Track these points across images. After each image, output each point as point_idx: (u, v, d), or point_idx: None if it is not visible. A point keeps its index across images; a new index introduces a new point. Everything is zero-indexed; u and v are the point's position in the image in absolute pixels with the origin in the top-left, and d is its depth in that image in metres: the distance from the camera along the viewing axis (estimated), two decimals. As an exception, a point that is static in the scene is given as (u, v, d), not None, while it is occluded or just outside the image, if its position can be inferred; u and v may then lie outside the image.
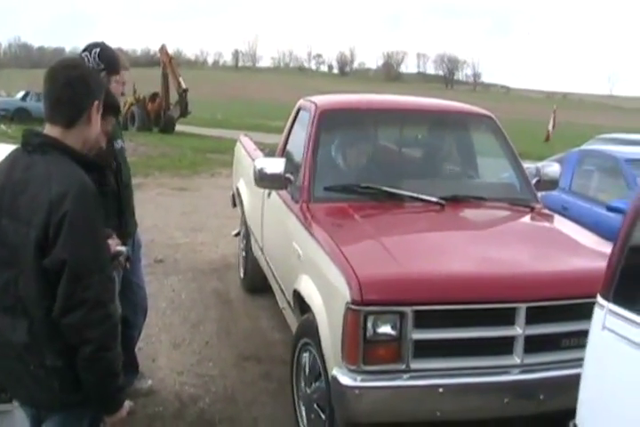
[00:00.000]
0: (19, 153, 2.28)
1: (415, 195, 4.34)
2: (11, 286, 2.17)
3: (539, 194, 4.93)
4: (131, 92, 25.56)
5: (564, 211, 6.46)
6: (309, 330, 3.65)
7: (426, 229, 4.19)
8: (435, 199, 4.29)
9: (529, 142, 22.49)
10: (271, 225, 5.19)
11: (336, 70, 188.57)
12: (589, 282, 2.72)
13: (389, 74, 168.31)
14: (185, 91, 26.85)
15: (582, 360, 2.43)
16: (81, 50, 3.86)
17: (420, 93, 7.91)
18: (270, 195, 5.13)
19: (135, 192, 4.11)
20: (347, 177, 4.68)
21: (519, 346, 3.28)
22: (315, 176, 4.48)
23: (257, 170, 4.51)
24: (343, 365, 3.20)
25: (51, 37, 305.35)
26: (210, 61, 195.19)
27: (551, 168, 5.04)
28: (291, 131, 5.56)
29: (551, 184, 5.03)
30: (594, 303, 2.37)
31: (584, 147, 9.11)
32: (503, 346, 3.29)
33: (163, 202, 10.93)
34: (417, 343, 3.19)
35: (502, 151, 5.06)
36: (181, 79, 26.91)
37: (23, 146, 2.26)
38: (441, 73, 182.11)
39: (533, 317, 3.28)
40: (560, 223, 4.45)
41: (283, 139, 5.67)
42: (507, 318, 3.27)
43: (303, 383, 3.83)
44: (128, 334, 4.05)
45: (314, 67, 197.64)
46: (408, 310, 3.17)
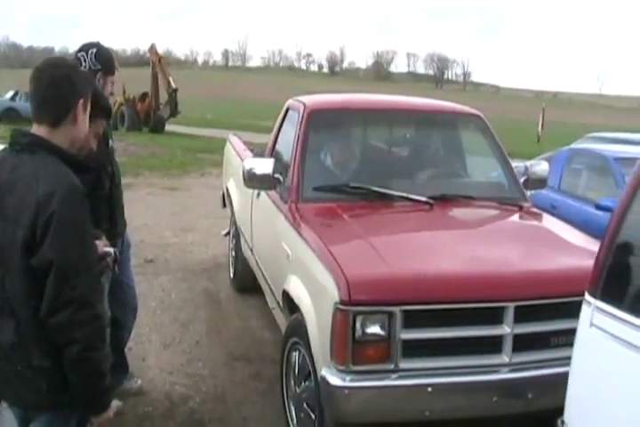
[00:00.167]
0: (6, 153, 2.28)
1: (404, 194, 4.35)
2: None
3: (527, 193, 4.95)
4: (120, 92, 25.48)
5: (554, 209, 6.48)
6: (298, 330, 3.65)
7: (414, 228, 4.20)
8: (423, 199, 4.30)
9: (518, 142, 22.55)
10: (260, 225, 5.18)
11: (326, 70, 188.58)
12: (578, 280, 2.72)
13: (379, 73, 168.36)
14: (175, 90, 26.81)
15: (571, 359, 2.44)
16: (76, 50, 3.86)
17: (411, 93, 7.92)
18: (259, 195, 5.12)
19: (125, 192, 4.11)
20: (336, 177, 4.68)
21: (508, 345, 3.28)
22: (303, 176, 4.48)
23: (246, 170, 4.50)
24: (332, 365, 3.20)
25: (40, 37, 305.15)
26: (200, 61, 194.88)
27: (539, 167, 5.05)
28: (280, 131, 5.56)
29: (540, 183, 5.04)
30: (582, 301, 2.38)
31: (573, 146, 9.13)
32: (492, 345, 3.30)
33: (153, 202, 10.92)
34: (406, 343, 3.20)
35: (491, 150, 5.07)
36: (171, 79, 26.87)
37: (11, 146, 2.27)
38: (431, 72, 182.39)
39: (522, 315, 3.28)
40: (549, 222, 4.46)
41: (272, 139, 5.66)
42: (495, 317, 3.28)
43: (293, 383, 3.84)
44: (118, 334, 4.05)
45: (304, 66, 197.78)
46: (396, 310, 3.17)
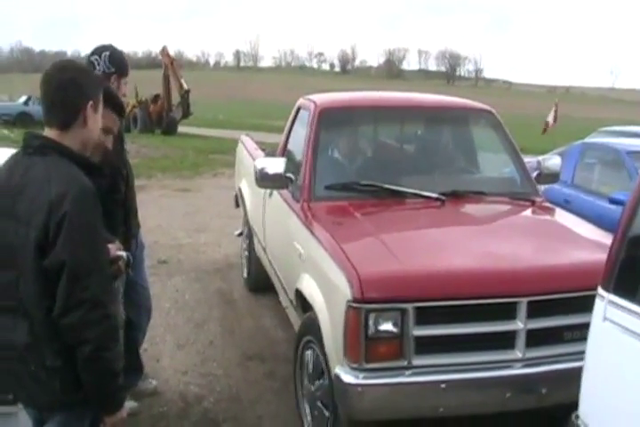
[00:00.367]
0: (19, 156, 2.30)
1: (415, 191, 4.34)
2: (11, 287, 2.18)
3: (540, 187, 4.92)
4: (133, 94, 25.58)
5: (567, 204, 6.45)
6: (312, 328, 3.66)
7: (426, 225, 4.19)
8: (435, 195, 4.29)
9: (531, 137, 22.45)
10: (273, 225, 5.19)
11: (338, 68, 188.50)
12: (591, 275, 2.69)
13: (391, 71, 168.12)
14: (187, 92, 26.87)
15: (584, 353, 2.42)
16: (89, 53, 3.87)
17: (422, 90, 7.91)
18: (271, 194, 5.13)
19: (138, 194, 4.13)
20: (347, 175, 4.68)
21: (521, 340, 3.27)
22: (315, 175, 4.48)
23: (258, 170, 4.51)
24: (345, 362, 3.21)
25: (52, 41, 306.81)
26: (211, 62, 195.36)
27: (552, 161, 5.03)
28: (291, 130, 5.56)
29: (552, 177, 5.02)
30: (595, 296, 2.37)
31: (586, 140, 9.08)
32: (505, 340, 3.29)
33: (165, 203, 10.95)
34: (418, 340, 3.19)
35: (502, 146, 5.05)
36: (183, 80, 26.93)
37: (24, 148, 2.29)
38: (443, 69, 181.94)
39: (535, 311, 3.27)
40: (561, 216, 4.44)
41: (283, 138, 5.66)
42: (508, 313, 3.27)
43: (307, 381, 3.84)
44: (132, 336, 4.06)
45: (315, 65, 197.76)
46: (409, 307, 3.17)
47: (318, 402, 3.66)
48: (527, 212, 4.49)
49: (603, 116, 51.85)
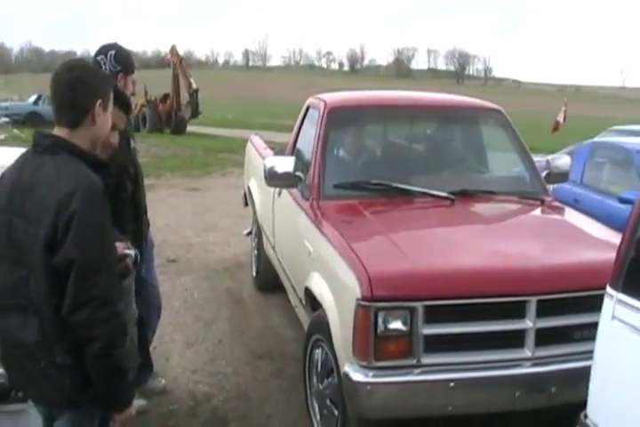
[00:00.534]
0: (29, 154, 2.32)
1: (425, 190, 4.34)
2: (22, 286, 2.19)
3: (550, 187, 4.92)
4: (141, 93, 25.64)
5: (576, 203, 6.43)
6: (321, 327, 3.66)
7: (436, 224, 4.19)
8: (444, 194, 4.29)
9: (540, 136, 22.40)
10: (282, 223, 5.20)
11: (346, 68, 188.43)
12: (600, 274, 2.69)
13: (400, 70, 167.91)
14: (196, 91, 26.88)
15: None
16: (94, 54, 3.89)
17: (431, 89, 7.91)
18: (281, 193, 5.14)
19: (147, 193, 4.13)
20: (356, 174, 4.68)
21: (530, 339, 3.27)
22: (324, 174, 4.49)
23: (267, 169, 4.52)
24: (354, 361, 3.21)
25: (62, 41, 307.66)
26: (220, 61, 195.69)
27: (561, 160, 5.03)
28: (300, 129, 5.57)
29: (561, 176, 5.02)
30: (604, 295, 2.37)
31: (595, 139, 9.06)
32: (514, 339, 3.29)
33: (174, 202, 10.98)
34: (427, 338, 3.20)
35: (512, 145, 5.05)
36: (192, 80, 26.95)
37: (33, 147, 2.31)
38: (452, 68, 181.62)
39: (544, 310, 3.27)
40: (570, 216, 4.44)
41: (292, 137, 5.68)
42: (517, 312, 3.27)
43: (316, 380, 3.85)
44: (142, 333, 4.07)
45: (324, 65, 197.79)
46: (418, 306, 3.17)
47: (327, 400, 3.67)
48: (536, 211, 4.49)
49: (612, 115, 51.61)
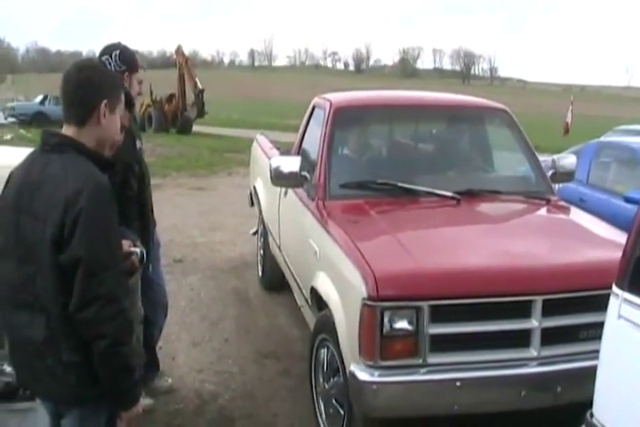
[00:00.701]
0: (37, 153, 2.34)
1: (430, 190, 4.34)
2: (29, 283, 2.21)
3: (555, 186, 4.92)
4: (147, 93, 25.68)
5: (582, 203, 6.42)
6: (327, 326, 3.67)
7: (441, 223, 4.19)
8: (450, 194, 4.29)
9: (546, 136, 22.38)
10: (288, 223, 5.21)
11: (352, 68, 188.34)
12: (606, 273, 2.69)
13: (405, 70, 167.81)
14: (201, 91, 26.95)
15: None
16: (99, 54, 3.90)
17: (437, 89, 7.91)
18: (286, 193, 5.15)
19: (153, 192, 4.15)
20: (362, 174, 4.68)
21: (536, 339, 3.27)
22: (330, 173, 4.50)
23: (273, 168, 4.52)
24: (360, 360, 3.22)
25: (67, 41, 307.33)
26: (226, 61, 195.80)
27: (567, 160, 5.02)
28: (306, 129, 5.58)
29: (567, 176, 5.01)
30: (610, 294, 2.37)
31: (601, 139, 9.05)
32: (520, 339, 3.29)
33: (180, 202, 10.99)
34: (433, 338, 3.20)
35: (517, 144, 5.05)
36: (198, 80, 27.02)
37: (41, 146, 2.33)
38: (457, 68, 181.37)
39: (550, 309, 3.27)
40: (576, 215, 4.44)
41: (298, 137, 5.68)
42: (523, 311, 3.27)
43: (321, 379, 3.85)
44: (148, 333, 4.09)
45: (330, 64, 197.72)
46: (424, 305, 3.17)
47: (333, 400, 3.67)
48: (542, 210, 4.49)
49: (618, 114, 51.54)
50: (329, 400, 3.73)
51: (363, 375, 3.19)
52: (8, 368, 3.15)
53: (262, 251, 6.57)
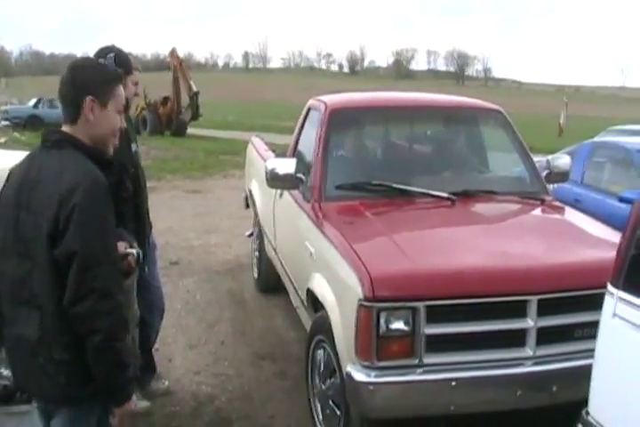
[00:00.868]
0: (37, 150, 2.37)
1: (426, 191, 4.35)
2: (27, 280, 2.21)
3: (550, 187, 4.93)
4: (141, 96, 25.66)
5: (577, 203, 6.43)
6: (323, 327, 3.67)
7: (437, 224, 4.20)
8: (445, 195, 4.30)
9: (541, 136, 22.44)
10: (283, 225, 5.21)
11: (346, 69, 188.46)
12: (601, 272, 2.70)
13: (400, 71, 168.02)
14: (196, 94, 26.95)
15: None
16: (93, 56, 3.90)
17: (432, 90, 7.92)
18: (282, 195, 5.15)
19: (149, 195, 4.16)
20: (358, 175, 4.68)
21: (531, 338, 3.28)
22: (326, 175, 4.50)
23: (268, 170, 4.53)
24: (357, 361, 3.22)
25: (61, 44, 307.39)
26: (220, 64, 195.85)
27: (561, 160, 5.04)
28: (301, 131, 5.59)
29: (562, 176, 5.03)
30: (605, 293, 2.38)
31: (596, 139, 9.07)
32: (515, 338, 3.30)
33: (176, 204, 10.99)
34: (429, 338, 3.21)
35: (512, 145, 5.06)
36: (192, 82, 27.02)
37: (42, 143, 2.36)
38: (452, 69, 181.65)
39: (545, 309, 3.28)
40: (571, 215, 4.45)
41: (293, 139, 5.69)
42: (518, 311, 3.28)
43: (318, 380, 3.86)
44: (145, 335, 4.10)
45: (324, 66, 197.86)
46: (420, 306, 3.18)
47: (330, 401, 3.68)
48: (537, 211, 4.50)
49: (612, 115, 51.69)
50: (326, 401, 3.74)
51: (359, 376, 3.19)
52: (5, 371, 3.16)
53: (258, 253, 6.58)
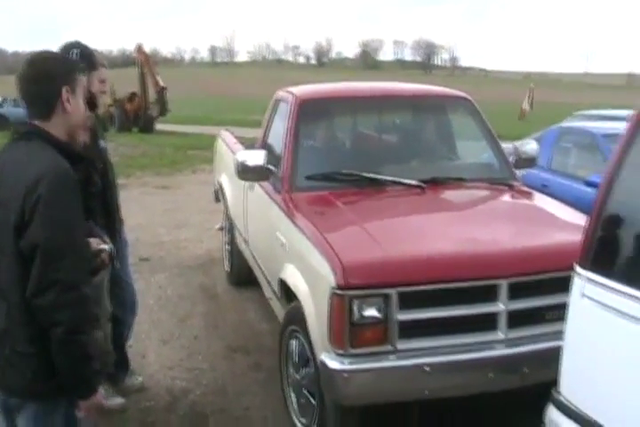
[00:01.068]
0: (8, 143, 2.35)
1: (395, 179, 4.36)
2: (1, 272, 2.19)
3: (518, 173, 4.97)
4: (108, 93, 25.39)
5: (545, 188, 6.50)
6: (296, 317, 3.68)
7: (407, 212, 4.21)
8: (415, 182, 4.32)
9: (506, 124, 22.56)
10: (254, 217, 5.20)
11: (314, 61, 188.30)
12: (569, 255, 2.72)
13: (367, 62, 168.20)
14: (163, 89, 26.72)
15: (565, 331, 2.46)
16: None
17: (399, 80, 7.89)
18: (252, 187, 5.13)
19: (118, 192, 4.12)
20: (328, 165, 4.68)
21: (503, 321, 3.31)
22: (296, 166, 4.50)
23: (239, 162, 4.51)
24: (331, 349, 3.23)
25: (25, 42, 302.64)
26: (187, 58, 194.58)
27: (529, 146, 5.09)
28: (270, 122, 5.57)
29: (529, 162, 5.07)
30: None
31: (562, 124, 9.15)
32: (487, 322, 3.33)
33: (146, 201, 10.89)
34: (402, 324, 3.23)
35: (480, 132, 5.09)
36: (159, 78, 26.79)
37: (11, 135, 2.34)
38: (419, 59, 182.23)
39: (515, 292, 3.32)
40: (539, 200, 4.49)
41: (262, 131, 5.67)
42: (489, 295, 3.31)
43: (292, 370, 3.86)
44: (118, 331, 4.06)
45: (291, 59, 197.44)
46: (392, 292, 3.20)
47: (304, 390, 3.69)
48: (506, 196, 4.54)
49: (577, 100, 52.19)
50: (300, 391, 3.74)
51: (333, 364, 3.20)
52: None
53: (229, 246, 6.56)
